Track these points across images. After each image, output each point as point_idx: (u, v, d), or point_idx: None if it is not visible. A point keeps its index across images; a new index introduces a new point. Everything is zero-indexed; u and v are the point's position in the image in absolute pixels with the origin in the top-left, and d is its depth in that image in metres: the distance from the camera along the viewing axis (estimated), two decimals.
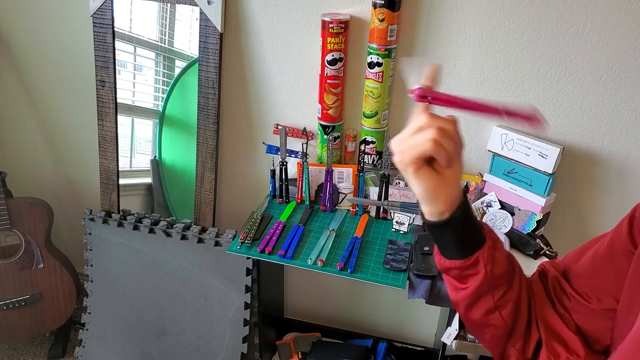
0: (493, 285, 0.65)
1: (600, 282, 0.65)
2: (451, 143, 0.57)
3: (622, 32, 1.20)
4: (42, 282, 1.80)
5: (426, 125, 0.56)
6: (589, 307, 0.65)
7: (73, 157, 1.93)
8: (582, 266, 0.68)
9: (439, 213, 0.61)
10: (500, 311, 0.66)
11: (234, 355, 1.64)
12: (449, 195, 0.60)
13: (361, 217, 1.48)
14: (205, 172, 1.62)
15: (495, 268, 0.64)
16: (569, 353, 0.65)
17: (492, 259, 0.63)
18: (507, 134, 1.34)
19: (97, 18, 1.55)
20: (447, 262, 0.66)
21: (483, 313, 0.67)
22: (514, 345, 0.68)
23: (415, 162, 0.58)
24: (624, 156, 1.33)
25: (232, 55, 1.51)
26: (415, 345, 1.82)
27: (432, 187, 0.59)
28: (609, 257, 0.64)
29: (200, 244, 1.60)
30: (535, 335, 0.67)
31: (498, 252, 0.64)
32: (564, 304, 0.68)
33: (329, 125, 1.47)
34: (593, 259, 0.67)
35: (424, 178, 0.59)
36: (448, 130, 0.56)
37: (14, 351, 1.97)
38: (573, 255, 0.71)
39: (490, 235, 0.65)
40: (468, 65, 1.34)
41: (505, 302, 0.66)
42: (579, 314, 0.66)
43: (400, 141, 0.58)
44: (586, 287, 0.66)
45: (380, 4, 1.26)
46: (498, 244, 0.65)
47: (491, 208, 1.39)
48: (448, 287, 0.70)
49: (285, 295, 1.93)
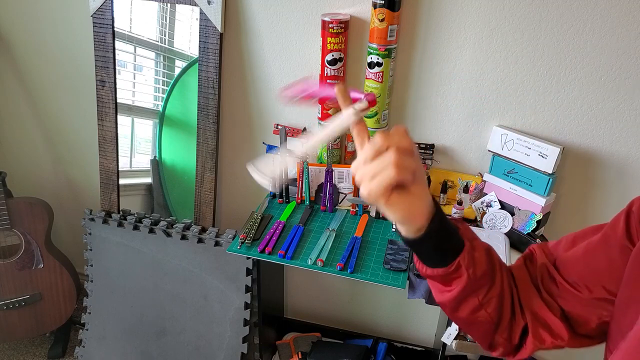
0: (476, 286, 0.66)
1: (592, 273, 0.65)
2: (411, 160, 0.54)
3: (622, 32, 1.20)
4: (42, 282, 1.80)
5: (383, 148, 0.53)
6: (578, 296, 0.66)
7: (73, 157, 1.93)
8: (574, 256, 0.69)
9: (416, 230, 0.60)
10: (486, 308, 0.67)
11: (234, 355, 1.64)
12: (423, 211, 0.59)
13: (361, 217, 1.48)
14: (205, 172, 1.62)
15: (477, 269, 0.64)
16: (553, 338, 0.67)
17: (472, 261, 0.64)
18: (507, 134, 1.34)
19: (97, 18, 1.55)
20: (429, 271, 0.66)
21: (469, 312, 0.68)
22: (501, 335, 0.70)
23: (384, 194, 0.55)
24: (624, 156, 1.33)
25: (232, 55, 1.51)
26: (415, 345, 1.82)
27: (406, 211, 0.58)
28: (602, 249, 0.65)
29: (200, 244, 1.60)
30: (520, 323, 0.69)
31: (477, 253, 0.65)
32: (550, 291, 0.69)
33: None
34: (586, 250, 0.67)
35: (397, 205, 0.57)
36: (406, 147, 0.54)
37: (14, 351, 1.97)
38: (565, 244, 0.71)
39: (467, 236, 0.65)
40: (468, 65, 1.34)
41: (489, 299, 0.67)
42: (566, 300, 0.67)
43: (361, 169, 0.55)
44: (577, 277, 0.67)
45: (380, 4, 1.26)
46: (476, 243, 0.66)
47: (491, 208, 1.39)
48: (433, 290, 0.70)
49: (285, 295, 1.93)
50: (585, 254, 0.67)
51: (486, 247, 0.67)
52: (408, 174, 0.54)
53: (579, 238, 0.70)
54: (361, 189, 0.56)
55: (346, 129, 0.61)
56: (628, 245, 0.61)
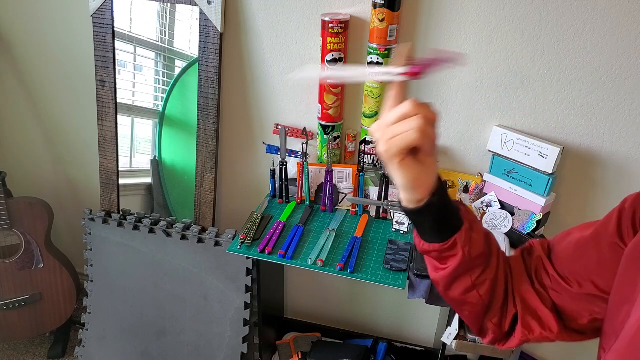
0: (471, 266, 0.67)
1: (581, 268, 0.66)
2: (434, 132, 0.56)
3: (622, 32, 1.20)
4: (42, 282, 1.80)
5: (412, 113, 0.55)
6: (569, 290, 0.67)
7: (73, 157, 1.93)
8: (565, 250, 0.70)
9: (418, 200, 0.62)
10: (478, 290, 0.68)
11: (234, 355, 1.64)
12: (429, 183, 0.61)
13: (361, 217, 1.48)
14: (205, 172, 1.62)
15: (473, 249, 0.65)
16: (542, 329, 0.68)
17: (469, 240, 0.65)
18: (507, 134, 1.34)
19: (97, 18, 1.55)
20: (426, 246, 0.67)
21: (461, 292, 0.69)
22: (491, 319, 0.71)
23: (401, 153, 0.57)
24: (624, 156, 1.33)
25: (232, 55, 1.51)
26: (415, 345, 1.82)
27: (414, 177, 0.59)
28: (593, 245, 0.65)
29: (200, 244, 1.60)
30: (512, 311, 0.70)
31: (475, 234, 0.66)
32: (543, 283, 0.70)
33: (329, 125, 1.47)
34: (577, 244, 0.68)
35: (408, 169, 0.58)
36: (432, 119, 0.55)
37: (14, 351, 1.97)
38: (560, 237, 0.72)
39: (467, 217, 0.66)
40: (468, 65, 1.34)
41: (482, 281, 0.67)
42: (557, 293, 0.68)
43: (384, 129, 0.57)
44: (567, 271, 0.68)
45: (380, 4, 1.26)
46: (475, 225, 0.66)
47: (491, 208, 1.39)
48: (428, 266, 0.72)
49: (285, 295, 1.93)
50: (577, 249, 0.68)
51: (485, 232, 0.68)
52: (429, 142, 0.55)
53: (572, 232, 0.70)
54: (379, 145, 0.57)
55: (372, 80, 0.61)
56: (618, 243, 0.62)
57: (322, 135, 1.49)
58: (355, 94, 1.46)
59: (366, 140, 1.46)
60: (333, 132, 1.47)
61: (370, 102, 1.40)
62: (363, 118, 1.44)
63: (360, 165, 1.45)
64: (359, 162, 1.46)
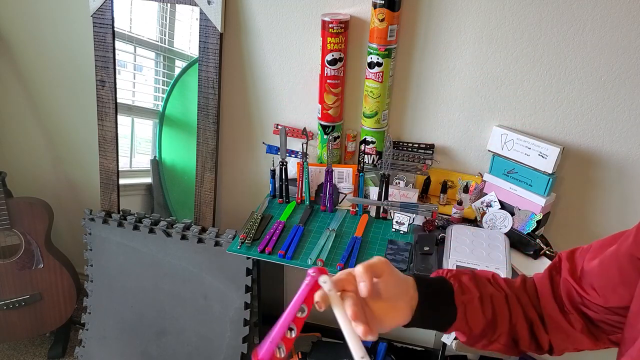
0: (479, 338, 0.70)
1: (607, 282, 0.67)
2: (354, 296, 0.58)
3: (622, 32, 1.20)
4: (42, 282, 1.80)
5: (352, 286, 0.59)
6: (598, 306, 0.68)
7: (73, 157, 1.93)
8: (592, 265, 0.70)
9: (404, 322, 0.64)
10: (498, 342, 0.71)
11: (234, 355, 1.64)
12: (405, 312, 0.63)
13: (361, 217, 1.48)
14: (205, 172, 1.62)
15: (474, 329, 0.68)
16: (576, 349, 0.71)
17: (467, 325, 0.67)
18: (507, 134, 1.34)
19: (97, 18, 1.55)
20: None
21: (482, 347, 0.72)
22: (526, 348, 0.73)
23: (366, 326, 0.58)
24: (624, 156, 1.33)
25: (232, 55, 1.51)
26: (415, 345, 1.81)
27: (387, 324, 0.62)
28: (615, 259, 0.66)
29: (200, 244, 1.60)
30: (544, 338, 0.71)
31: (471, 315, 0.67)
32: (573, 300, 0.71)
33: (329, 125, 1.47)
34: (602, 259, 0.68)
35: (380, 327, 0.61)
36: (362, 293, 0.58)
37: (14, 351, 1.97)
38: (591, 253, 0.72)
39: (460, 300, 0.67)
40: (468, 65, 1.34)
41: (497, 337, 0.70)
42: (588, 308, 0.69)
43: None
44: (597, 286, 0.68)
45: (380, 4, 1.26)
46: (470, 306, 0.67)
47: (491, 208, 1.39)
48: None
49: (285, 295, 1.93)
50: (601, 263, 0.68)
51: (481, 299, 0.68)
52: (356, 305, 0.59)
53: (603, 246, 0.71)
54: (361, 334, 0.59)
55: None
56: (635, 254, 0.62)
57: (322, 135, 1.49)
58: (355, 94, 1.46)
59: (366, 141, 1.46)
60: (333, 132, 1.47)
61: (370, 102, 1.40)
62: (363, 118, 1.44)
63: (360, 165, 1.45)
64: (359, 162, 1.46)
